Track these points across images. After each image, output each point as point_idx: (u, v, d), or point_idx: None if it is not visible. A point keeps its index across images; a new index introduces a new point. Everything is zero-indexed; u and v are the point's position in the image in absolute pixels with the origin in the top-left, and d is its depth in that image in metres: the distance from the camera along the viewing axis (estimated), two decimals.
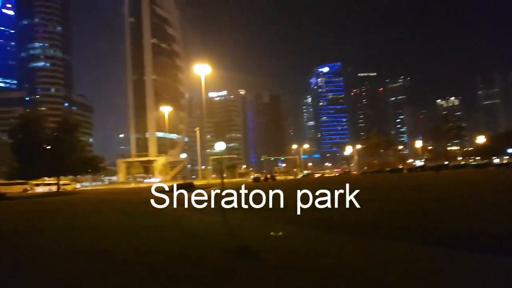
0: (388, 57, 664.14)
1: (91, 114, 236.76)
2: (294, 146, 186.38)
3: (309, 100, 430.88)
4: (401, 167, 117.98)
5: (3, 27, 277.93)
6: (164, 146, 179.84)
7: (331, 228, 15.53)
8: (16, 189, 73.89)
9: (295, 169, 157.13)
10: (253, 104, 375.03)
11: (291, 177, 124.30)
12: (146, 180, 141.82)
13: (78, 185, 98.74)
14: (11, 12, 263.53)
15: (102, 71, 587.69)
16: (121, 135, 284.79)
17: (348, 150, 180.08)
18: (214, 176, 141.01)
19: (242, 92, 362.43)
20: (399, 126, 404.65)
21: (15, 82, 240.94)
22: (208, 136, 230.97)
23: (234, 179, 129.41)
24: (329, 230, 15.27)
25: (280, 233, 15.48)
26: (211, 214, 26.37)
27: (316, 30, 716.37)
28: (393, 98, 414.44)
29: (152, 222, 21.14)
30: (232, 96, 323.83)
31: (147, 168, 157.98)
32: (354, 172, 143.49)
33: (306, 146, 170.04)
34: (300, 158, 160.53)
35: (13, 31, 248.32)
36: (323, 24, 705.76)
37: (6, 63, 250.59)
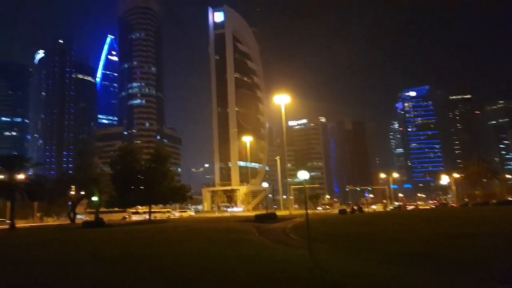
0: (482, 78, 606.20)
1: (179, 146, 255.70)
2: (382, 175, 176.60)
3: (396, 125, 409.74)
4: (510, 199, 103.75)
5: (109, 71, 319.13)
6: (246, 175, 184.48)
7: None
8: (116, 217, 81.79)
9: (384, 201, 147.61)
10: (334, 132, 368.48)
11: (380, 209, 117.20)
12: (229, 209, 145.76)
13: (176, 214, 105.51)
14: (115, 58, 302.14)
15: (189, 106, 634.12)
16: (206, 165, 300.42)
17: (444, 179, 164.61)
18: (296, 206, 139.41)
19: (323, 119, 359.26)
20: (503, 152, 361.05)
21: (116, 118, 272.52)
22: (289, 165, 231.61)
23: (318, 210, 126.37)
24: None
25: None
26: (295, 246, 25.86)
27: (399, 54, 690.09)
28: (493, 122, 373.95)
29: (237, 251, 21.36)
30: (312, 124, 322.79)
31: (230, 197, 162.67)
32: (452, 204, 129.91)
33: (395, 175, 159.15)
34: (390, 188, 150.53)
35: (116, 74, 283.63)
36: (407, 48, 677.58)
37: (110, 102, 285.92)
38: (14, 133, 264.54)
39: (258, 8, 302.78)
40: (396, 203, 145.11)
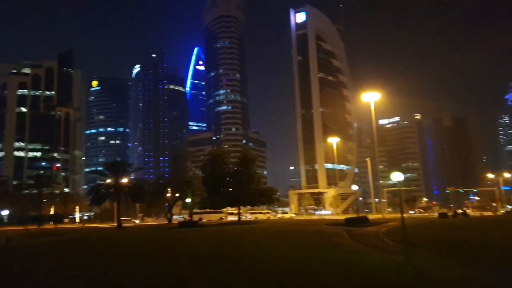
0: None
1: (264, 149, 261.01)
2: (490, 176, 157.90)
3: (506, 119, 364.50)
4: None
5: (197, 80, 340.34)
6: (333, 178, 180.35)
7: None
8: (214, 217, 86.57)
9: (493, 204, 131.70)
10: (431, 129, 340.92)
11: (488, 213, 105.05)
12: (317, 212, 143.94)
13: (278, 215, 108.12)
14: (202, 68, 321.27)
15: (273, 109, 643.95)
16: (292, 167, 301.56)
17: None
18: (389, 209, 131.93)
19: (418, 116, 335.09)
20: None
21: (204, 125, 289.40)
22: (381, 166, 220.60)
23: (415, 214, 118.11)
24: None
25: None
26: (391, 252, 24.43)
27: (503, 42, 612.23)
28: None
29: (327, 255, 20.93)
30: (406, 122, 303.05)
31: (317, 200, 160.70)
32: None
33: (507, 175, 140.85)
34: (500, 189, 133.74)
35: (203, 83, 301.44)
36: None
37: (199, 110, 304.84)
38: (117, 142, 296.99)
39: (341, 4, 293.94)
40: (509, 207, 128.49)
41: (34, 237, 55.27)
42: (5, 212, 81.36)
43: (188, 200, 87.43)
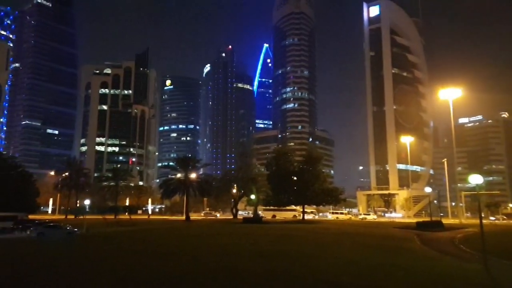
0: None
1: (331, 148, 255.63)
2: None
3: None
4: None
5: (264, 78, 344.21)
6: (406, 179, 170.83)
7: None
8: (287, 214, 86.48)
9: None
10: None
11: None
12: (387, 215, 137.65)
13: (360, 216, 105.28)
14: (270, 65, 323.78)
15: (343, 106, 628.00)
16: (361, 167, 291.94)
17: None
18: (468, 214, 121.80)
19: (505, 114, 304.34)
20: None
21: (271, 122, 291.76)
22: (459, 168, 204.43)
23: (498, 221, 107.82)
24: None
25: None
26: (466, 260, 22.52)
27: None
28: None
29: (393, 260, 19.94)
30: (490, 121, 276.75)
31: (387, 202, 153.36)
32: None
33: None
34: None
35: (271, 81, 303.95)
36: None
37: (266, 108, 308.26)
38: (188, 138, 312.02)
39: None
40: None
41: (111, 227, 60.23)
42: (87, 202, 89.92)
43: (252, 196, 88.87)
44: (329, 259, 20.24)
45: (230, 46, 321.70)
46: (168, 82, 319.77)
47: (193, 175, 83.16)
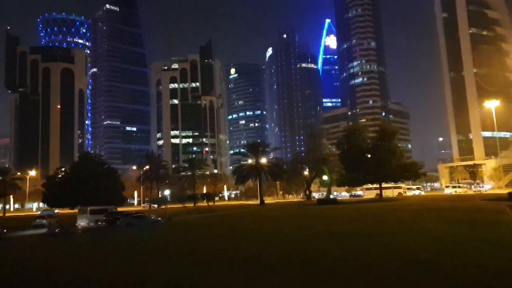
0: None
1: (407, 120, 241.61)
2: None
3: None
4: None
5: (329, 55, 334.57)
6: (493, 147, 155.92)
7: None
8: (391, 192, 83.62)
9: None
10: None
11: None
12: (473, 187, 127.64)
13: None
14: (334, 41, 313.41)
15: (416, 76, 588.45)
16: (440, 139, 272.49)
17: None
18: None
19: None
20: None
21: (339, 100, 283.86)
22: None
23: None
24: None
25: None
26: None
27: None
28: None
29: (484, 234, 18.46)
30: None
31: (473, 173, 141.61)
32: None
33: None
34: None
35: (335, 57, 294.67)
36: None
37: (332, 85, 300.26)
38: (256, 124, 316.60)
39: None
40: None
41: (191, 214, 63.81)
42: (167, 192, 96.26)
43: (325, 177, 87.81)
44: (408, 236, 19.37)
45: (290, 27, 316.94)
46: (232, 70, 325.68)
47: (263, 160, 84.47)
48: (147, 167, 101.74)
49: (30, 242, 33.62)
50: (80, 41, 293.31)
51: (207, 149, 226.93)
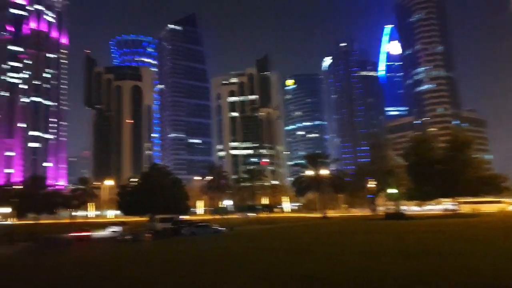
0: None
1: (484, 129, 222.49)
2: None
3: None
4: None
5: (391, 61, 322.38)
6: None
7: None
8: (490, 208, 76.30)
9: None
10: None
11: None
12: None
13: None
14: (396, 47, 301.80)
15: (493, 79, 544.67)
16: None
17: None
18: None
19: None
20: None
21: (404, 108, 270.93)
22: None
23: None
24: None
25: None
26: None
27: None
28: None
29: None
30: None
31: None
32: None
33: None
34: None
35: (399, 63, 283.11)
36: None
37: (396, 93, 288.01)
38: (315, 135, 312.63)
39: None
40: None
41: (253, 224, 63.91)
42: (228, 202, 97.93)
43: (391, 190, 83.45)
44: (487, 257, 17.28)
45: (348, 34, 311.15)
46: (289, 81, 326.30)
47: (323, 171, 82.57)
48: (209, 177, 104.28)
49: (104, 246, 35.69)
50: (147, 59, 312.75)
51: (265, 160, 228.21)
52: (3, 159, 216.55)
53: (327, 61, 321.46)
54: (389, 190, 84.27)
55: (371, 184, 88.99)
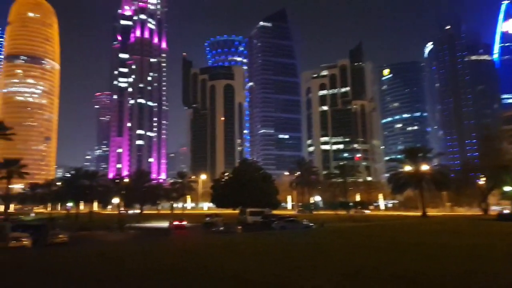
0: None
1: None
2: None
3: None
4: None
5: (508, 43, 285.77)
6: None
7: None
8: None
9: None
10: None
11: None
12: None
13: None
14: None
15: None
16: None
17: None
18: None
19: None
20: None
21: None
22: None
23: None
24: None
25: None
26: None
27: None
28: None
29: None
30: None
31: None
32: None
33: None
34: None
35: None
36: None
37: None
38: (415, 127, 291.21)
39: None
40: None
41: (344, 222, 62.08)
42: (318, 198, 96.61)
43: (506, 188, 73.96)
44: None
45: (454, 16, 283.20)
46: (385, 71, 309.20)
47: (424, 167, 76.27)
48: (298, 173, 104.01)
49: (200, 236, 38.09)
50: (238, 58, 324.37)
51: (359, 155, 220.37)
52: (115, 156, 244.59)
53: (430, 46, 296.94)
54: (505, 188, 74.90)
55: (481, 180, 79.97)
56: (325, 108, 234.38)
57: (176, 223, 53.63)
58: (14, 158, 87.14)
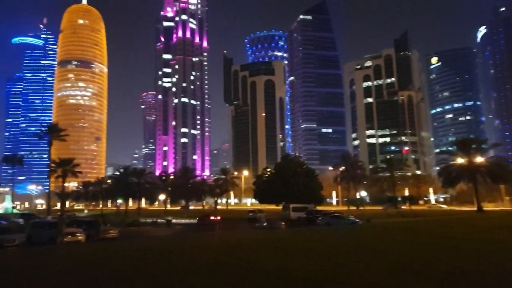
0: None
1: None
2: None
3: None
4: None
5: None
6: None
7: None
8: None
9: None
10: None
11: None
12: None
13: None
14: None
15: None
16: None
17: None
18: None
19: None
20: None
21: None
22: None
23: None
24: None
25: None
26: None
27: None
28: None
29: None
30: None
31: None
32: None
33: None
34: None
35: None
36: None
37: None
38: (467, 117, 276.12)
39: None
40: None
41: (392, 217, 60.16)
42: (364, 193, 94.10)
43: None
44: None
45: None
46: (434, 59, 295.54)
47: (479, 159, 72.07)
48: (343, 167, 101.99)
49: (243, 231, 38.57)
50: (279, 53, 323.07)
51: (407, 148, 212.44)
52: (161, 153, 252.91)
53: (483, 31, 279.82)
54: None
55: None
56: (370, 100, 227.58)
57: (212, 218, 57.50)
58: (68, 158, 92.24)
